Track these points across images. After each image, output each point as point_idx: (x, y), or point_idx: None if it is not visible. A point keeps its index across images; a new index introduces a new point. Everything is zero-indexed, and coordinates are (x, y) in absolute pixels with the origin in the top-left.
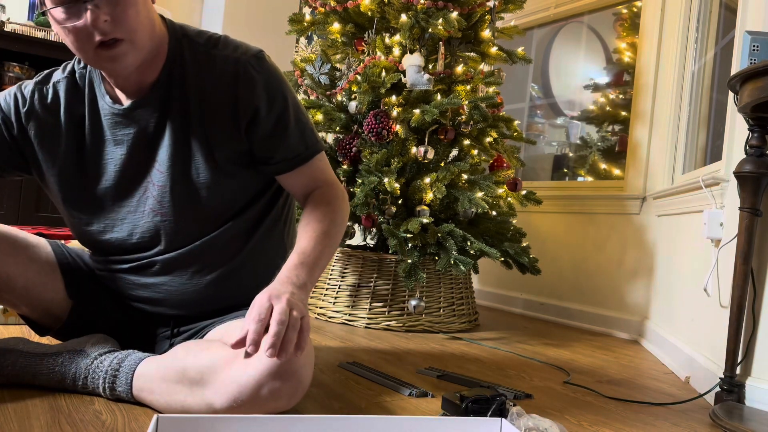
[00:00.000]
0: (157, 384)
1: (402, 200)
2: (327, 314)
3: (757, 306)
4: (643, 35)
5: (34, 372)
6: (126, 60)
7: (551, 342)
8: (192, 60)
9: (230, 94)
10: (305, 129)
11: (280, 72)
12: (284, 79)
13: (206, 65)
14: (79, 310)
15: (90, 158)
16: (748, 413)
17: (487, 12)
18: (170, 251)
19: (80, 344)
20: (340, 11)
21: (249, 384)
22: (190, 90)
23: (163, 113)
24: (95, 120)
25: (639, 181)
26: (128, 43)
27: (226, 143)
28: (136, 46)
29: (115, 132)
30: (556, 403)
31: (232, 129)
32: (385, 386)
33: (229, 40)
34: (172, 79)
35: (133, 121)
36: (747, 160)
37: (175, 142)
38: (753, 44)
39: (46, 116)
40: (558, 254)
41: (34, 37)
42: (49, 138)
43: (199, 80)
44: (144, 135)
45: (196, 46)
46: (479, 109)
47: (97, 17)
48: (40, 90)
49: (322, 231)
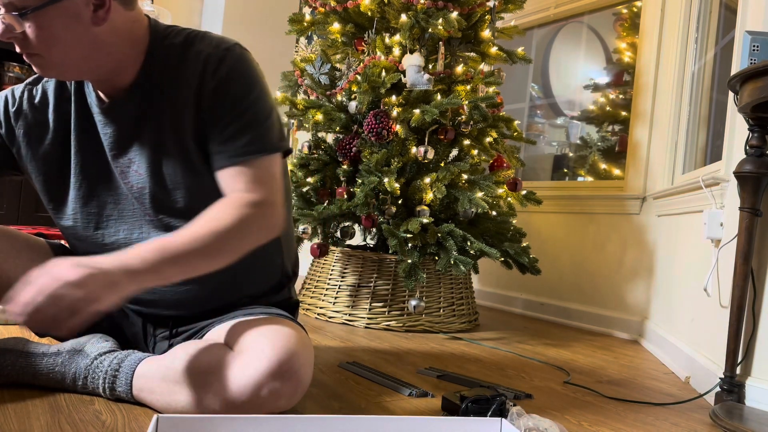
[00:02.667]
0: (157, 384)
1: (402, 200)
2: (327, 314)
3: (757, 306)
4: (643, 35)
5: (34, 372)
6: (48, 75)
7: (551, 342)
8: (168, 61)
9: (196, 85)
10: (261, 123)
11: (252, 62)
12: (255, 69)
13: (180, 64)
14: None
15: (78, 155)
16: (748, 413)
17: (487, 12)
18: None
19: (80, 344)
20: (340, 11)
21: (249, 384)
22: (165, 91)
23: (139, 115)
24: (84, 116)
25: (639, 181)
26: (43, 60)
27: (198, 142)
28: (52, 64)
29: (103, 128)
30: (556, 403)
31: (199, 123)
32: (385, 386)
33: (207, 35)
34: (149, 81)
35: (111, 120)
36: (747, 160)
37: (150, 145)
38: (753, 44)
39: (35, 115)
40: (558, 254)
41: None
42: (36, 137)
43: (172, 80)
44: (121, 135)
45: (172, 47)
46: (479, 109)
47: (4, 32)
48: (29, 90)
49: (213, 230)
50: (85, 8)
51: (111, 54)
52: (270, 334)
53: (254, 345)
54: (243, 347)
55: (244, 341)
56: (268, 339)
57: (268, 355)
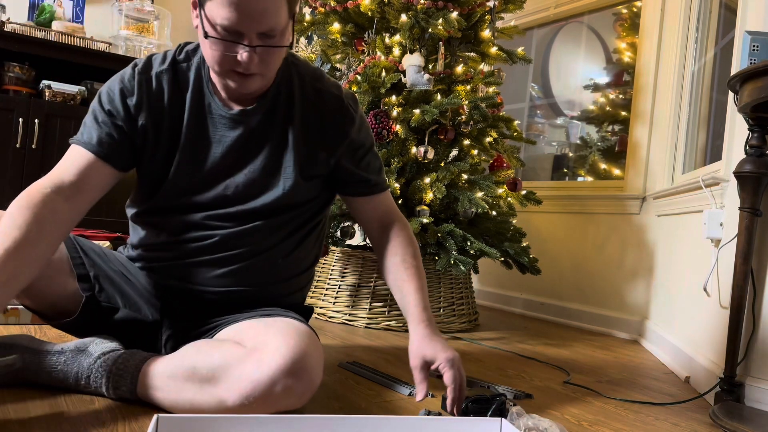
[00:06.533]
0: (164, 381)
1: (402, 200)
2: (327, 314)
3: (757, 306)
4: (643, 35)
5: (37, 368)
6: (252, 88)
7: (551, 342)
8: (299, 86)
9: (331, 125)
10: (381, 166)
11: (365, 114)
12: (368, 121)
13: (312, 95)
14: (92, 303)
15: (184, 152)
16: (748, 413)
17: (487, 12)
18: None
19: (84, 344)
20: (340, 11)
21: (263, 381)
22: (295, 112)
23: (266, 124)
24: (199, 117)
25: (639, 181)
26: (261, 78)
27: (315, 163)
28: (266, 81)
29: (216, 132)
30: (556, 403)
31: (325, 153)
32: (385, 386)
33: (325, 74)
34: (279, 97)
35: (237, 125)
36: (747, 160)
37: (270, 153)
38: (753, 44)
39: (152, 104)
40: (558, 254)
41: (34, 37)
42: (152, 127)
43: (304, 106)
44: (243, 141)
45: (303, 75)
46: (479, 109)
47: (251, 59)
48: (146, 80)
49: (419, 268)
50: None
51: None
52: (285, 332)
53: (269, 342)
54: (258, 344)
55: (259, 339)
56: (284, 337)
57: (283, 352)
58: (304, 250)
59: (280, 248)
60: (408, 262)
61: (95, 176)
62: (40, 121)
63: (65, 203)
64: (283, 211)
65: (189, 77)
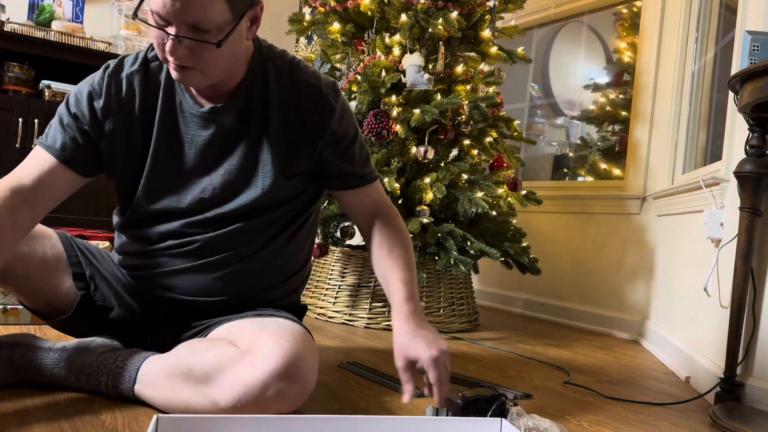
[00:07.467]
0: (161, 382)
1: (402, 200)
2: (327, 314)
3: (757, 306)
4: (643, 35)
5: (39, 366)
6: (193, 83)
7: (551, 342)
8: (275, 78)
9: (309, 118)
10: (368, 156)
11: (347, 102)
12: (351, 109)
13: (289, 87)
14: (87, 302)
15: (157, 154)
16: (748, 413)
17: (487, 12)
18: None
19: (85, 343)
20: (340, 11)
21: (255, 384)
22: (271, 106)
23: (240, 122)
24: (171, 116)
25: (639, 181)
26: (200, 73)
27: (296, 159)
28: (207, 77)
29: (188, 131)
30: (556, 403)
31: (306, 148)
32: (385, 386)
33: (303, 63)
34: (253, 91)
35: (209, 124)
36: (747, 160)
37: (246, 152)
38: (753, 44)
39: (121, 108)
40: (558, 254)
41: (34, 37)
42: (123, 130)
43: (281, 99)
44: (217, 140)
45: (279, 68)
46: (479, 109)
47: (174, 48)
48: (115, 83)
49: (408, 259)
50: (246, 24)
51: (238, 63)
52: (279, 335)
53: (263, 345)
54: (251, 347)
55: (252, 341)
56: (277, 340)
57: (277, 356)
58: (295, 248)
59: (268, 250)
60: (395, 253)
61: (56, 181)
62: (40, 121)
63: (24, 208)
64: (265, 210)
65: (160, 76)
